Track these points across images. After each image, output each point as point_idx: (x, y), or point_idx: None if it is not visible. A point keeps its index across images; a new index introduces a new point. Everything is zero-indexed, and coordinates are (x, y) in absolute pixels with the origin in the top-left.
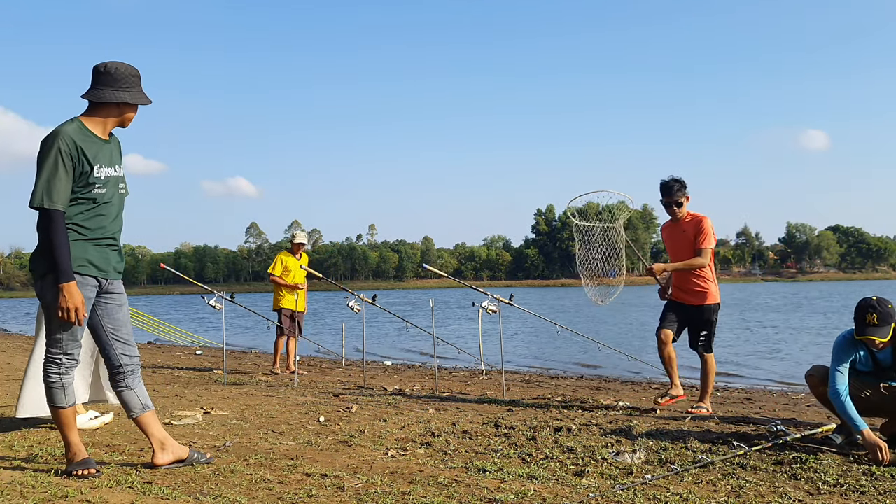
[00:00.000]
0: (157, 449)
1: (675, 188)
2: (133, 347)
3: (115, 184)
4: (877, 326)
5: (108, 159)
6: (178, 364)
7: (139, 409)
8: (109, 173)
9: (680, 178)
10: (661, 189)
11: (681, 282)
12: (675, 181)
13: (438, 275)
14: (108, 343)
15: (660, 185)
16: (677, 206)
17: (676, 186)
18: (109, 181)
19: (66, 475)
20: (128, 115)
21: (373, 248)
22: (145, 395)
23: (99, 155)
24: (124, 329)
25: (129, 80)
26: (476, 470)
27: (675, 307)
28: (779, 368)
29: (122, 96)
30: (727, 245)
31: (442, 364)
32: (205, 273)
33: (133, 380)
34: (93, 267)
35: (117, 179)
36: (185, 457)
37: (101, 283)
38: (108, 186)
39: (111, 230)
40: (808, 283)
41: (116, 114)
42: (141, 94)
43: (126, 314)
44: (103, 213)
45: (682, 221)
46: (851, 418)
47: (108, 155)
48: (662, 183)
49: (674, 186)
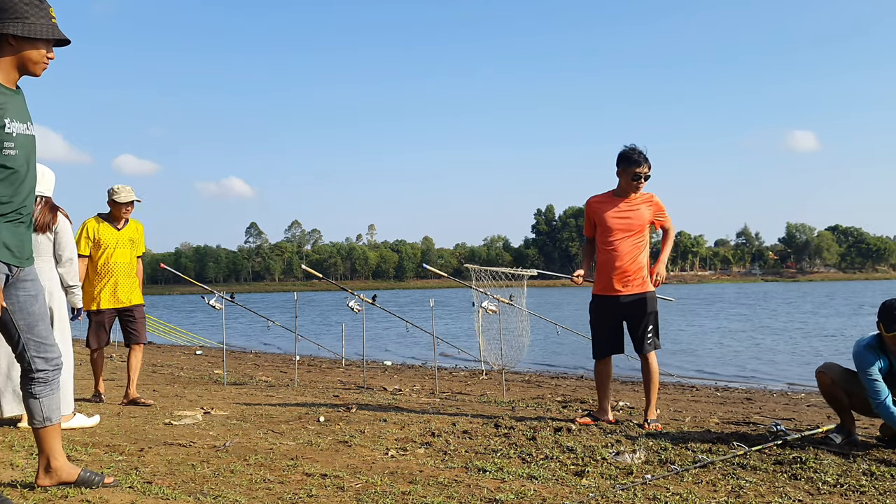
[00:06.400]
0: (41, 468)
1: (646, 158)
2: (52, 348)
3: (29, 145)
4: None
5: (18, 113)
6: (178, 364)
7: (39, 422)
8: (22, 130)
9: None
10: (633, 159)
11: (618, 270)
12: (642, 151)
13: (438, 275)
14: (20, 343)
15: (628, 154)
16: (646, 180)
17: (645, 156)
18: (21, 140)
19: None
20: (27, 53)
21: (373, 248)
22: (51, 407)
23: (8, 106)
24: (41, 325)
25: (18, 9)
26: (476, 470)
27: (608, 307)
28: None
29: (9, 27)
30: (727, 245)
31: (442, 364)
32: (205, 273)
33: (43, 388)
34: (6, 250)
35: (31, 140)
36: (73, 479)
37: (13, 271)
38: (20, 147)
39: (28, 205)
40: (808, 283)
41: (11, 53)
42: (38, 24)
43: (43, 307)
44: (17, 182)
45: (632, 198)
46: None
47: (19, 108)
48: (632, 151)
49: (644, 155)
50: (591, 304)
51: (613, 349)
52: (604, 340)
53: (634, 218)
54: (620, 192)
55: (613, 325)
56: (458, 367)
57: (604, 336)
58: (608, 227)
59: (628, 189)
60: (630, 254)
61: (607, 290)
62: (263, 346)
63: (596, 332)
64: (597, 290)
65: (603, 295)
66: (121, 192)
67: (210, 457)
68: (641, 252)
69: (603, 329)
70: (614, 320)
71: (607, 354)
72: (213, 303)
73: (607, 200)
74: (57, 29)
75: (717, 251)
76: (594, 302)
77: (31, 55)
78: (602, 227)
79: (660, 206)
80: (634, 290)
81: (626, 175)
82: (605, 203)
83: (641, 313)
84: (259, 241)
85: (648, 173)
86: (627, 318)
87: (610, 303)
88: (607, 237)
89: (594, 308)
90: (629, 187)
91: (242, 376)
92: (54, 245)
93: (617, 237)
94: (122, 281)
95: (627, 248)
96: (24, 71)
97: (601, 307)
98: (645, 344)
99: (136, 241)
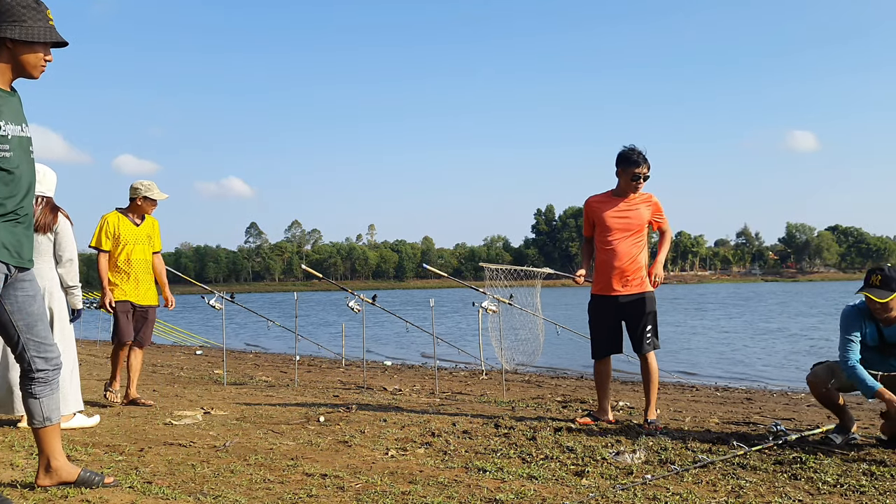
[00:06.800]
0: (41, 468)
1: (645, 158)
2: (52, 348)
3: (25, 147)
4: (878, 288)
5: (13, 115)
6: (178, 364)
7: (39, 422)
8: (17, 132)
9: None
10: (632, 159)
11: (617, 270)
12: (641, 151)
13: (438, 275)
14: (20, 343)
15: (627, 155)
16: (645, 180)
17: (645, 157)
18: (17, 142)
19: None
20: (25, 57)
21: (373, 248)
22: (51, 407)
23: (3, 109)
24: (40, 325)
25: (16, 12)
26: (476, 470)
27: (607, 307)
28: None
29: (6, 31)
30: (727, 245)
31: (442, 364)
32: (205, 273)
33: (43, 388)
34: (5, 250)
35: (26, 141)
36: (73, 479)
37: (11, 271)
38: (16, 149)
39: (25, 206)
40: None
41: (8, 56)
42: (36, 28)
43: (41, 307)
44: (12, 183)
45: (631, 198)
46: (863, 381)
47: (14, 110)
48: (632, 151)
49: (644, 156)
50: (590, 304)
51: (612, 349)
52: (603, 340)
53: (633, 218)
54: (620, 192)
55: (612, 325)
56: (458, 367)
57: (603, 336)
58: (607, 226)
59: (627, 189)
60: (629, 254)
61: (606, 290)
62: (263, 345)
63: (595, 332)
64: (595, 290)
65: (602, 295)
66: (153, 189)
67: (210, 457)
68: (640, 252)
69: (602, 329)
70: (613, 320)
71: (606, 354)
72: (213, 303)
73: (606, 200)
74: (55, 32)
75: (717, 251)
76: (593, 302)
77: (28, 58)
78: (601, 227)
79: (658, 207)
80: (633, 290)
81: (625, 175)
82: (604, 203)
83: (640, 313)
84: (259, 241)
85: (648, 174)
86: (626, 318)
87: (609, 303)
88: (606, 237)
89: (593, 308)
90: (628, 187)
91: (242, 376)
92: (54, 245)
93: (616, 237)
94: (143, 278)
95: (626, 247)
96: (22, 74)
97: (600, 307)
98: (644, 344)
99: (153, 237)
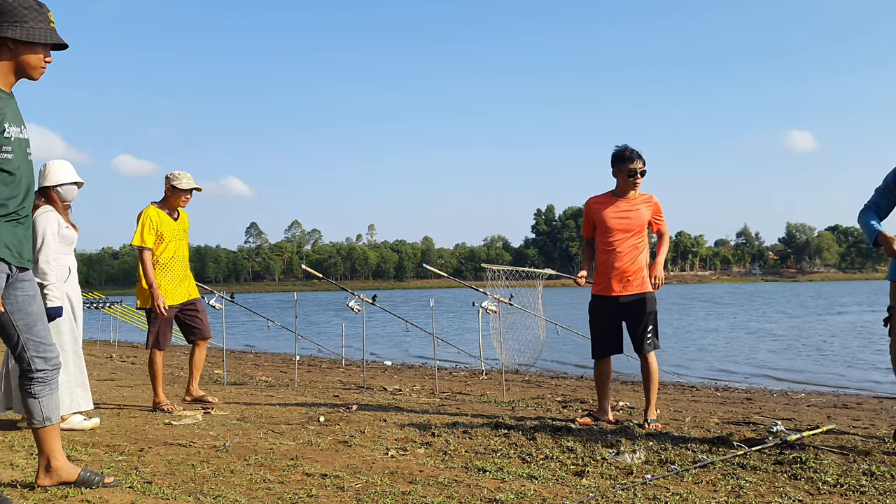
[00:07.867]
0: (41, 468)
1: (639, 154)
2: (51, 347)
3: (24, 148)
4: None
5: (15, 117)
6: (178, 364)
7: (39, 422)
8: (17, 134)
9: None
10: (626, 156)
11: (617, 270)
12: (634, 149)
13: (438, 275)
14: (19, 343)
15: (621, 153)
16: (642, 176)
17: (638, 153)
18: (17, 144)
19: None
20: (26, 58)
21: (373, 248)
22: (50, 407)
23: (7, 111)
24: (40, 325)
25: (17, 13)
26: (476, 470)
27: (607, 307)
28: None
29: (8, 31)
30: (727, 245)
31: (442, 364)
32: (205, 273)
33: (43, 388)
34: (6, 249)
35: (25, 143)
36: (73, 479)
37: (13, 271)
38: (17, 151)
39: (25, 207)
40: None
41: (9, 57)
42: (37, 29)
43: (40, 307)
44: (13, 184)
45: (631, 198)
46: (869, 224)
47: (15, 112)
48: (624, 149)
49: (637, 152)
50: (591, 305)
51: (613, 349)
52: (603, 341)
53: (634, 218)
54: (619, 192)
55: (613, 325)
56: (459, 367)
57: (603, 336)
58: (608, 227)
59: (626, 188)
60: (629, 254)
61: (606, 290)
62: (263, 345)
63: (595, 332)
64: (596, 291)
65: (602, 295)
66: (182, 178)
67: (210, 457)
68: (641, 252)
69: (602, 329)
70: (613, 320)
71: (607, 355)
72: (213, 303)
73: (607, 201)
74: (55, 33)
75: (717, 251)
76: (593, 302)
77: (29, 59)
78: (601, 228)
79: (658, 208)
80: (634, 290)
81: (622, 174)
82: (604, 203)
83: (641, 313)
84: (259, 241)
85: (644, 168)
86: (627, 319)
87: (609, 303)
88: (607, 237)
89: (593, 308)
90: (627, 186)
91: (242, 376)
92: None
93: (616, 237)
94: (185, 274)
95: (627, 248)
96: (23, 75)
97: (600, 307)
98: (644, 344)
99: (187, 231)
